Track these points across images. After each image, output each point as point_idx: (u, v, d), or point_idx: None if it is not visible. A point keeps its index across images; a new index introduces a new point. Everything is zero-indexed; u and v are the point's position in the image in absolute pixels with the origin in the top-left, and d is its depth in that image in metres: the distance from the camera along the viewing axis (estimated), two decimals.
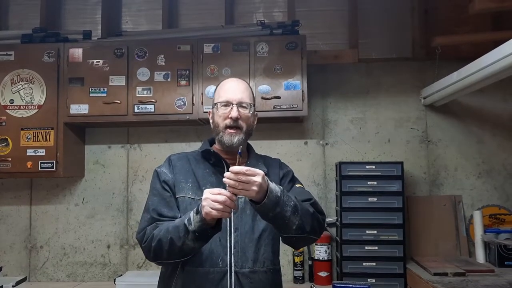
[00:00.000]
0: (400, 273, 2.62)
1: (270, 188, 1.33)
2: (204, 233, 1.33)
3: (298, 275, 2.84)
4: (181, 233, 1.34)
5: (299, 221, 1.39)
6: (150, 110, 2.72)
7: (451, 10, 3.06)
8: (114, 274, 2.96)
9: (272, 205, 1.33)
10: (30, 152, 2.71)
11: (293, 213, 1.37)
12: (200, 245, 1.38)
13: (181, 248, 1.36)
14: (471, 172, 2.98)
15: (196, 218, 1.32)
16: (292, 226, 1.38)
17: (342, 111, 3.07)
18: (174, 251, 1.37)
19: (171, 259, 1.41)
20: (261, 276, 1.48)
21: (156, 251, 1.40)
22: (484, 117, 3.00)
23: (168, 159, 1.62)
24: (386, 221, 2.66)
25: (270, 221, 1.40)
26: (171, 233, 1.37)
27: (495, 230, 2.81)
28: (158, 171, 1.59)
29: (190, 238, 1.33)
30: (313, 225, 1.44)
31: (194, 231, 1.32)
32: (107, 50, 2.78)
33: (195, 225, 1.32)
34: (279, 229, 1.43)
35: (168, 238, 1.37)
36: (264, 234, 1.50)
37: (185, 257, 1.40)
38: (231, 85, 1.60)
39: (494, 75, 2.17)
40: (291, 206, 1.37)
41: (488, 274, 2.43)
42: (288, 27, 2.82)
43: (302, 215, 1.40)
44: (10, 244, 3.04)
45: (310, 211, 1.45)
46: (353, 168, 2.74)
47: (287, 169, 1.69)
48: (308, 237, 1.46)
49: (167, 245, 1.37)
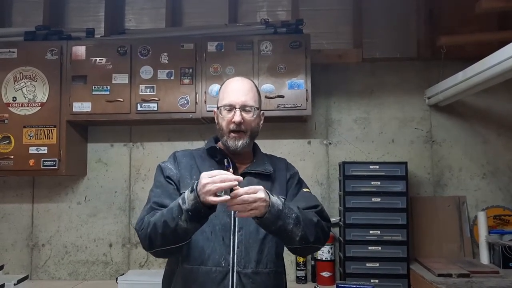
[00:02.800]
0: (403, 274, 2.60)
1: (272, 202, 1.32)
2: (198, 213, 1.28)
3: (301, 275, 2.82)
4: (175, 213, 1.31)
5: (302, 232, 1.38)
6: (153, 108, 2.71)
7: (456, 10, 3.04)
8: (116, 273, 2.96)
9: (274, 219, 1.32)
10: (32, 150, 2.70)
11: (295, 225, 1.36)
12: (194, 226, 1.32)
13: (175, 230, 1.31)
14: (475, 172, 2.96)
15: (191, 196, 1.29)
16: (295, 238, 1.38)
17: (345, 111, 3.05)
18: (168, 235, 1.33)
19: (165, 245, 1.37)
20: (264, 278, 1.46)
21: (151, 236, 1.37)
22: (489, 118, 2.98)
23: (173, 155, 1.61)
24: (389, 221, 2.65)
25: (273, 234, 1.40)
26: (165, 216, 1.34)
27: (499, 231, 2.80)
28: (162, 166, 1.57)
29: (184, 219, 1.29)
30: (317, 235, 1.43)
31: (188, 210, 1.28)
32: (110, 48, 2.77)
33: (189, 203, 1.28)
34: (283, 241, 1.44)
35: (162, 221, 1.34)
36: (268, 235, 1.48)
37: (179, 242, 1.36)
38: (235, 87, 1.58)
39: (499, 75, 2.15)
40: (293, 218, 1.36)
41: (492, 275, 2.42)
42: (292, 26, 2.80)
43: (304, 226, 1.39)
44: (12, 242, 3.03)
45: (313, 221, 1.44)
46: (357, 168, 2.72)
47: (294, 170, 1.67)
48: (313, 246, 1.45)
49: (161, 228, 1.34)
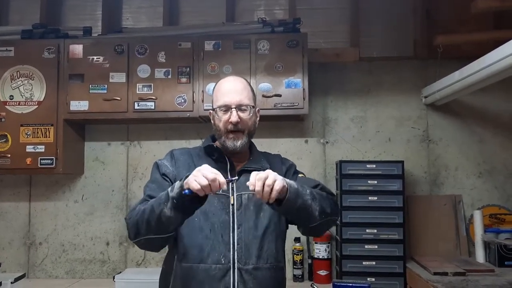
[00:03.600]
0: (400, 272, 2.61)
1: (287, 182, 1.33)
2: (181, 202, 1.28)
3: (298, 274, 2.83)
4: (162, 199, 1.32)
5: (319, 206, 1.40)
6: (150, 107, 2.71)
7: (453, 9, 3.05)
8: (113, 271, 2.96)
9: (294, 197, 1.33)
10: (29, 148, 2.70)
11: (312, 200, 1.38)
12: (177, 217, 1.31)
13: (159, 218, 1.31)
14: (471, 171, 2.97)
15: (178, 185, 1.30)
16: (315, 213, 1.39)
17: (342, 110, 3.06)
18: (151, 222, 1.33)
19: (148, 234, 1.36)
20: (264, 273, 1.46)
21: (138, 223, 1.37)
22: (485, 117, 2.99)
23: (171, 153, 1.61)
24: (386, 220, 2.66)
25: (294, 216, 1.41)
26: (153, 202, 1.36)
27: (495, 230, 2.81)
28: (158, 163, 1.58)
29: (169, 206, 1.29)
30: (331, 206, 1.46)
31: (173, 198, 1.28)
32: (107, 46, 2.77)
33: (175, 191, 1.29)
34: (304, 221, 1.43)
35: (149, 207, 1.35)
36: (267, 230, 1.49)
37: (161, 233, 1.35)
38: (229, 87, 1.57)
39: (495, 74, 2.16)
40: (308, 194, 1.38)
41: (488, 274, 2.43)
42: (289, 25, 2.81)
43: (320, 199, 1.42)
44: (9, 240, 3.03)
45: (324, 195, 1.47)
46: (354, 167, 2.73)
47: (289, 163, 1.69)
48: (331, 219, 1.47)
49: (147, 213, 1.34)
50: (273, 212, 1.50)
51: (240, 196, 1.50)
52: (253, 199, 1.49)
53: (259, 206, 1.50)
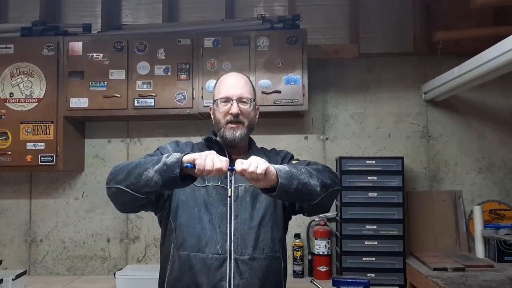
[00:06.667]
0: (399, 268, 2.62)
1: (276, 167, 1.31)
2: (170, 172, 1.26)
3: (298, 270, 2.84)
4: (154, 161, 1.32)
5: (319, 180, 1.37)
6: (150, 104, 2.71)
7: (452, 5, 3.04)
8: (114, 268, 2.97)
9: (288, 180, 1.30)
10: (29, 145, 2.71)
11: (310, 177, 1.36)
12: (156, 182, 1.28)
13: (140, 174, 1.30)
14: (471, 167, 2.98)
15: (177, 155, 1.29)
16: (316, 188, 1.36)
17: (342, 106, 3.06)
18: (131, 174, 1.33)
19: (122, 184, 1.35)
20: (261, 263, 1.48)
21: (118, 171, 1.38)
22: (485, 113, 2.99)
23: (176, 141, 1.64)
24: (386, 216, 2.66)
25: (294, 197, 1.38)
26: (142, 159, 1.38)
27: (495, 225, 2.82)
28: (161, 146, 1.61)
29: (156, 168, 1.28)
30: (331, 177, 1.44)
31: (165, 163, 1.27)
32: (107, 43, 2.77)
33: (171, 160, 1.28)
34: (306, 200, 1.40)
35: (136, 162, 1.36)
36: (263, 221, 1.51)
37: (135, 190, 1.33)
38: (231, 81, 1.61)
39: (495, 70, 2.16)
40: (303, 172, 1.36)
41: (487, 269, 2.43)
42: (288, 22, 2.80)
43: (317, 173, 1.39)
44: (10, 237, 3.04)
45: (319, 168, 1.45)
46: (353, 163, 2.73)
47: (284, 152, 1.71)
48: (334, 190, 1.45)
49: (131, 166, 1.35)
50: (269, 202, 1.52)
51: (237, 188, 1.52)
52: (249, 190, 1.51)
53: (255, 197, 1.52)
